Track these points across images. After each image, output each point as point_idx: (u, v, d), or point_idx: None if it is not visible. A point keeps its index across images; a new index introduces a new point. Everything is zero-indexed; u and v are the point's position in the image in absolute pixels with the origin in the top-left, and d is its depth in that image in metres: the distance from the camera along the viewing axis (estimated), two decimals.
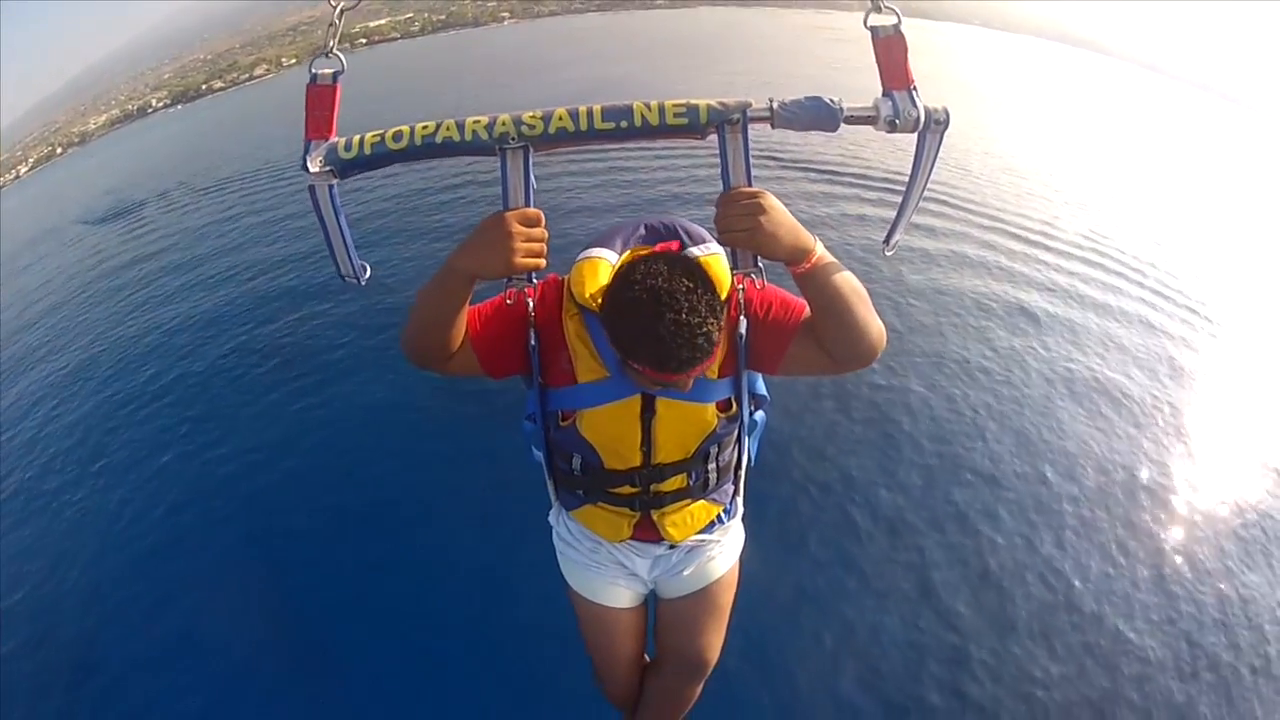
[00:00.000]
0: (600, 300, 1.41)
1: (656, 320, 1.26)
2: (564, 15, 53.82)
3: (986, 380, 5.27)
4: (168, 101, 44.51)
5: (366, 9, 64.74)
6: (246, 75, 44.73)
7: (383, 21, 56.78)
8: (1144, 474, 4.60)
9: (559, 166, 9.51)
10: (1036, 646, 3.48)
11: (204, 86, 44.68)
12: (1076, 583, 3.81)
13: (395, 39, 49.75)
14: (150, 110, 43.97)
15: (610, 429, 1.54)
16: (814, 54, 24.69)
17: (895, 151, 10.09)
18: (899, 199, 1.45)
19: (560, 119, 1.31)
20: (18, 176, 39.94)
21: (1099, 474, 4.55)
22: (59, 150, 43.06)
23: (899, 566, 3.85)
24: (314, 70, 1.35)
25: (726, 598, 1.85)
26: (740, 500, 1.83)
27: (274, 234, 8.91)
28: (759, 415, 1.73)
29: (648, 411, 1.51)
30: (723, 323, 1.33)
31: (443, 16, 56.71)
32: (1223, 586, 3.86)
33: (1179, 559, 4.01)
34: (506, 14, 55.47)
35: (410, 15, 59.75)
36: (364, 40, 48.81)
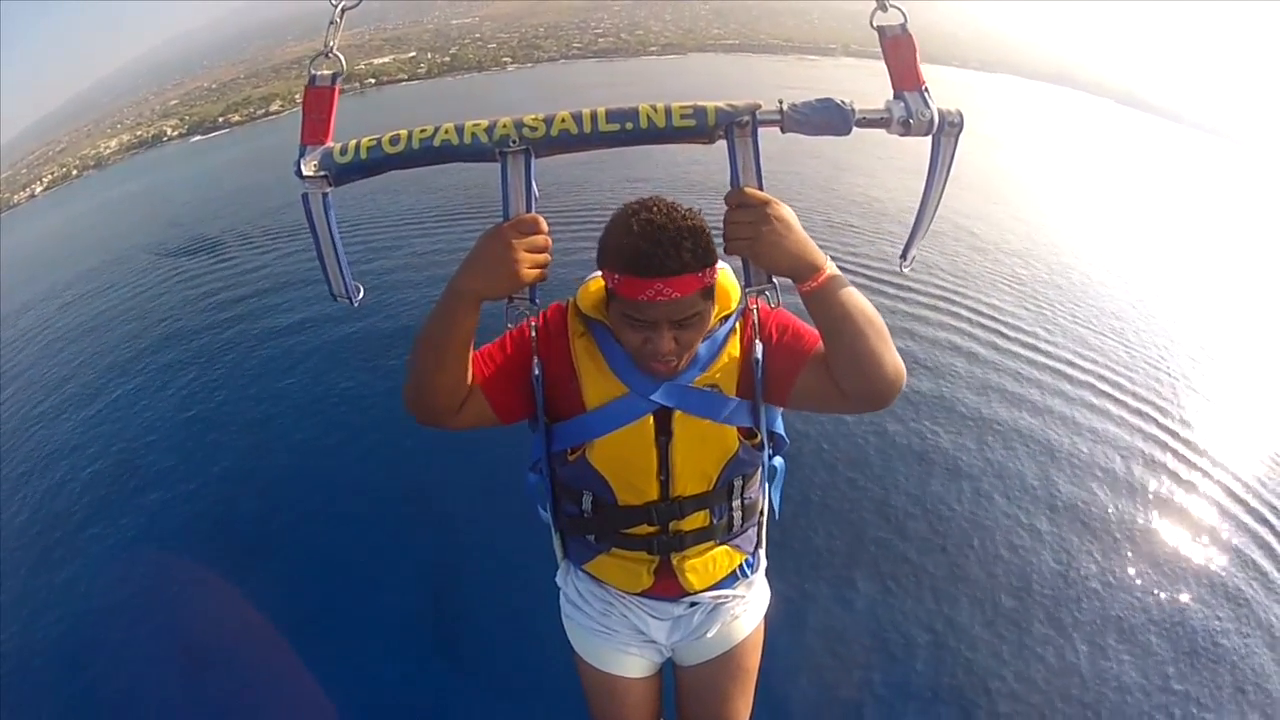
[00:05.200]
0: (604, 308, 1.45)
1: (632, 217, 1.29)
2: (562, 61, 57.21)
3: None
4: (183, 131, 45.80)
5: (369, 45, 67.27)
6: (263, 111, 46.24)
7: (387, 60, 59.35)
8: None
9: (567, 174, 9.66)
10: None
11: (220, 119, 46.12)
12: None
13: (403, 80, 52.10)
14: (165, 138, 45.22)
15: (623, 457, 1.48)
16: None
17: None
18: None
19: (563, 121, 1.30)
20: (32, 195, 40.78)
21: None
22: (74, 172, 43.96)
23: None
24: (313, 71, 1.33)
25: (752, 661, 1.76)
26: (763, 553, 1.77)
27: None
28: (778, 461, 1.68)
29: (663, 435, 1.46)
30: (711, 252, 1.31)
31: (446, 59, 59.58)
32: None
33: None
34: (508, 59, 58.71)
35: (414, 54, 62.53)
36: (372, 80, 51.11)
